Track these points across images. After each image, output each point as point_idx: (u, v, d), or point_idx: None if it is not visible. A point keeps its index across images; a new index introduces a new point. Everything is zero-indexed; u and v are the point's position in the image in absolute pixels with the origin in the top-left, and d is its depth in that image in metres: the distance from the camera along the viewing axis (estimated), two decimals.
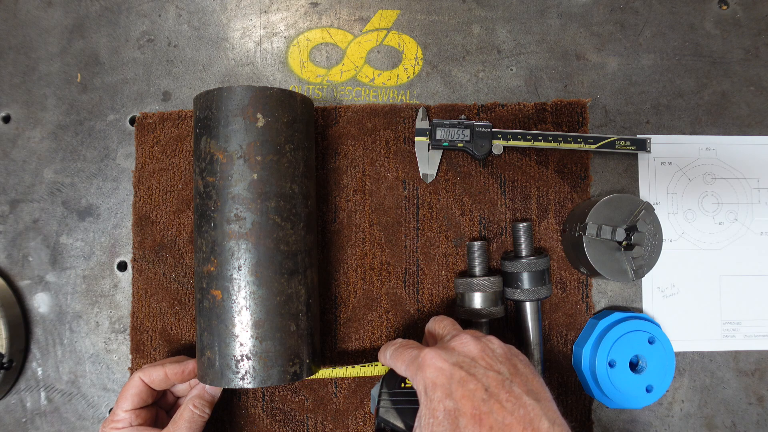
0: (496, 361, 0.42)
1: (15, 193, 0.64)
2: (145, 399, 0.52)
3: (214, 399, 0.54)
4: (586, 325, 0.61)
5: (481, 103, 0.64)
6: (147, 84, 0.65)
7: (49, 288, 0.63)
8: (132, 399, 0.52)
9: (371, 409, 0.56)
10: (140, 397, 0.52)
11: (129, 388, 0.52)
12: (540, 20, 0.65)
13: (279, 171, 0.49)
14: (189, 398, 0.53)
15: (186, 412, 0.52)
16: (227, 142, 0.48)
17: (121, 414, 0.51)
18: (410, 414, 0.46)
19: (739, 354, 0.62)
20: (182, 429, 0.51)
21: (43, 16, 0.66)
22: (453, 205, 0.62)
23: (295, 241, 0.50)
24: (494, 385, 0.39)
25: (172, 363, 0.53)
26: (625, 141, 0.61)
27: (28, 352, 0.62)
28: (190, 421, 0.51)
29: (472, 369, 0.40)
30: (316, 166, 0.63)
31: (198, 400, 0.53)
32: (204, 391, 0.53)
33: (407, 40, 0.65)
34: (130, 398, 0.52)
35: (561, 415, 0.39)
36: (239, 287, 0.48)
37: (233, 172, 0.48)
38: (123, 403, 0.52)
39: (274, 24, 0.65)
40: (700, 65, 0.65)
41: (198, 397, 0.53)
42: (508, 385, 0.39)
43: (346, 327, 0.61)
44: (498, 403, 0.38)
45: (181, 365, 0.53)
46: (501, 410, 0.37)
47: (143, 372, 0.53)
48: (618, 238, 0.55)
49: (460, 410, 0.38)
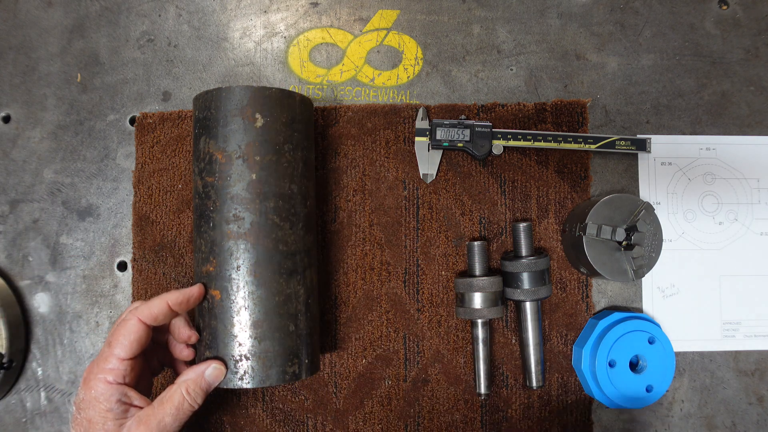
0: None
1: (15, 193, 0.64)
2: (143, 344, 0.46)
3: (210, 388, 0.47)
4: (586, 325, 0.61)
5: (481, 103, 0.64)
6: (147, 84, 0.65)
7: (49, 288, 0.63)
8: (131, 346, 0.45)
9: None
10: (139, 343, 0.45)
11: (126, 332, 0.45)
12: (540, 20, 0.65)
13: (278, 171, 0.49)
14: (182, 380, 0.46)
15: (176, 396, 0.45)
16: (226, 142, 0.48)
17: (115, 362, 0.45)
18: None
19: (739, 354, 0.62)
20: (168, 414, 0.44)
21: (43, 16, 0.66)
22: (453, 205, 0.62)
23: (294, 241, 0.50)
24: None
25: (172, 293, 0.47)
26: (625, 141, 0.61)
27: (28, 352, 0.62)
28: (178, 408, 0.45)
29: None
30: (316, 166, 0.63)
31: (192, 385, 0.46)
32: (201, 376, 0.46)
33: (407, 40, 0.65)
34: (128, 345, 0.45)
35: None
36: (238, 287, 0.48)
37: (232, 172, 0.48)
38: (119, 350, 0.45)
39: (274, 24, 0.65)
40: (700, 65, 0.65)
41: (193, 381, 0.46)
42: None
43: (346, 327, 0.61)
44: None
45: (184, 293, 0.47)
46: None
47: (140, 311, 0.46)
48: (618, 238, 0.55)
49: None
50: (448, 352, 0.61)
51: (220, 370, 0.47)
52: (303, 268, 0.51)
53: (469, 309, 0.57)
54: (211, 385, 0.47)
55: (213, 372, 0.47)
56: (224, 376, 0.47)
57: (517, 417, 0.60)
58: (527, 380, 0.59)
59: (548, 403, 0.61)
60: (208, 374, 0.47)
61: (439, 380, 0.61)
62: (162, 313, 0.47)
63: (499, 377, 0.61)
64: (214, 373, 0.47)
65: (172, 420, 0.45)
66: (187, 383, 0.46)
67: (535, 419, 0.61)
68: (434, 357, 0.61)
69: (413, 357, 0.61)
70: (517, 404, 0.61)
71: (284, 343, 0.48)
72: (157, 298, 0.47)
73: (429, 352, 0.61)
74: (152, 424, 0.44)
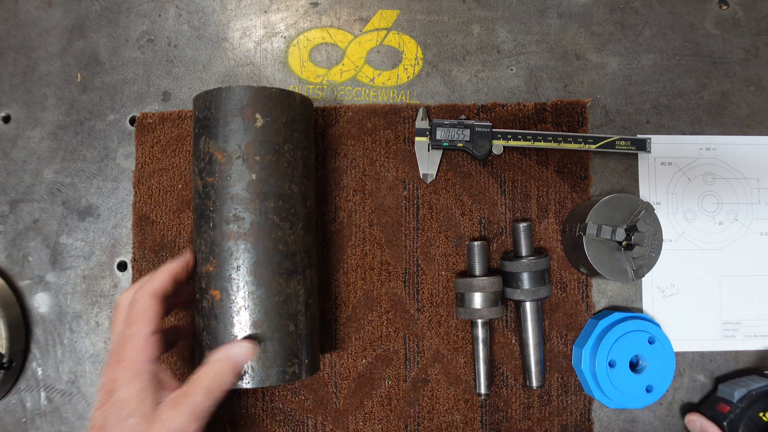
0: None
1: (15, 193, 0.64)
2: (160, 318, 0.45)
3: (240, 367, 0.46)
4: (586, 325, 0.61)
5: (481, 103, 0.64)
6: (147, 84, 0.65)
7: (49, 288, 0.63)
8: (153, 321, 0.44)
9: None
10: (158, 317, 0.45)
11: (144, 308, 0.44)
12: (540, 20, 0.65)
13: (278, 171, 0.49)
14: (211, 359, 0.45)
15: (206, 377, 0.44)
16: (226, 142, 0.48)
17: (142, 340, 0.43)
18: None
19: (739, 354, 0.62)
20: (199, 394, 0.43)
21: (43, 16, 0.66)
22: (453, 205, 0.62)
23: (294, 241, 0.50)
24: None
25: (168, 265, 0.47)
26: (625, 141, 0.61)
27: (28, 352, 0.62)
28: (209, 388, 0.43)
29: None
30: (316, 166, 0.63)
31: (221, 365, 0.45)
32: (229, 356, 0.45)
33: (407, 40, 0.65)
34: (150, 320, 0.44)
35: None
36: (238, 287, 0.48)
37: (232, 172, 0.48)
38: (143, 327, 0.44)
39: (274, 24, 0.65)
40: (700, 65, 0.65)
41: (221, 361, 0.45)
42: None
43: (346, 327, 0.61)
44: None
45: (180, 261, 0.48)
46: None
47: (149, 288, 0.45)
48: (618, 238, 0.55)
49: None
50: (448, 352, 0.61)
51: (250, 349, 0.46)
52: (303, 268, 0.51)
53: (469, 309, 0.57)
54: (241, 364, 0.46)
55: (241, 351, 0.46)
56: (255, 356, 0.46)
57: (517, 417, 0.60)
58: (527, 380, 0.59)
59: (548, 403, 0.61)
60: (236, 353, 0.46)
61: (439, 380, 0.61)
62: (167, 286, 0.47)
63: (499, 377, 0.61)
64: (243, 351, 0.46)
65: (204, 400, 0.43)
66: (216, 363, 0.45)
67: (535, 419, 0.61)
68: (434, 357, 0.61)
69: (413, 357, 0.61)
70: (517, 404, 0.61)
71: (284, 343, 0.48)
72: (156, 274, 0.47)
73: (429, 352, 0.61)
74: (184, 405, 0.42)
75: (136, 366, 0.43)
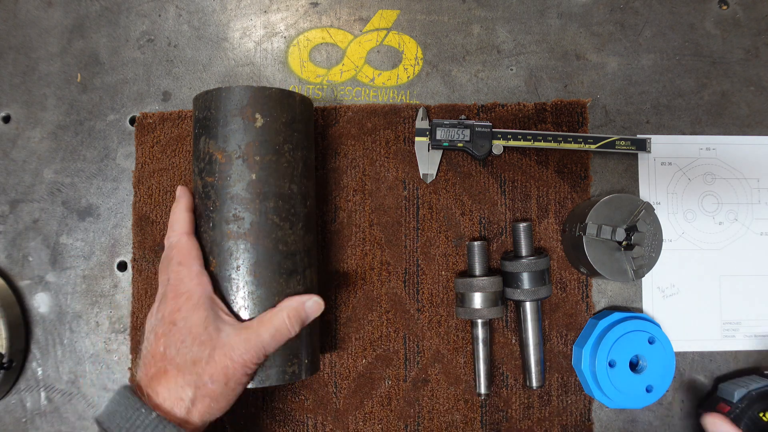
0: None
1: (15, 193, 0.64)
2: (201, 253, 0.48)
3: (308, 320, 0.48)
4: (586, 325, 0.61)
5: (481, 103, 0.64)
6: (147, 84, 0.65)
7: (49, 288, 0.63)
8: (199, 258, 0.47)
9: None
10: (200, 252, 0.48)
11: (189, 248, 0.47)
12: (540, 20, 0.65)
13: (278, 171, 0.49)
14: (284, 306, 0.47)
15: (277, 319, 0.46)
16: (226, 142, 0.48)
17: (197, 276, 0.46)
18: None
19: (739, 354, 0.62)
20: (267, 333, 0.45)
21: (43, 16, 0.66)
22: (453, 205, 0.62)
23: (294, 241, 0.50)
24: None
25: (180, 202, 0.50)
26: (625, 141, 0.61)
27: (28, 352, 0.62)
28: (278, 330, 0.45)
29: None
30: (316, 166, 0.63)
31: (293, 312, 0.47)
32: (302, 306, 0.48)
33: (407, 40, 0.65)
34: (196, 258, 0.47)
35: None
36: (238, 287, 0.48)
37: (232, 172, 0.48)
38: (195, 264, 0.47)
39: (274, 24, 0.65)
40: (700, 65, 0.65)
41: (294, 309, 0.47)
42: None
43: (346, 327, 0.61)
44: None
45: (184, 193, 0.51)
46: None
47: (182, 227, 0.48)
48: (618, 238, 0.55)
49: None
50: (448, 352, 0.61)
51: (320, 304, 0.49)
52: (303, 268, 0.51)
53: (469, 309, 0.57)
54: (309, 317, 0.48)
55: (313, 305, 0.48)
56: (320, 312, 0.49)
57: (517, 417, 0.60)
58: (527, 380, 0.59)
59: (548, 403, 0.61)
60: (309, 306, 0.48)
61: (439, 380, 0.61)
62: (192, 220, 0.49)
63: (499, 377, 0.61)
64: (315, 306, 0.48)
65: (270, 339, 0.45)
66: (289, 309, 0.47)
67: (535, 419, 0.61)
68: (434, 357, 0.61)
69: (413, 357, 0.61)
70: (517, 404, 0.61)
71: (284, 343, 0.48)
72: (176, 214, 0.49)
73: (429, 352, 0.61)
74: (251, 336, 0.44)
75: (196, 297, 0.45)
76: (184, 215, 0.49)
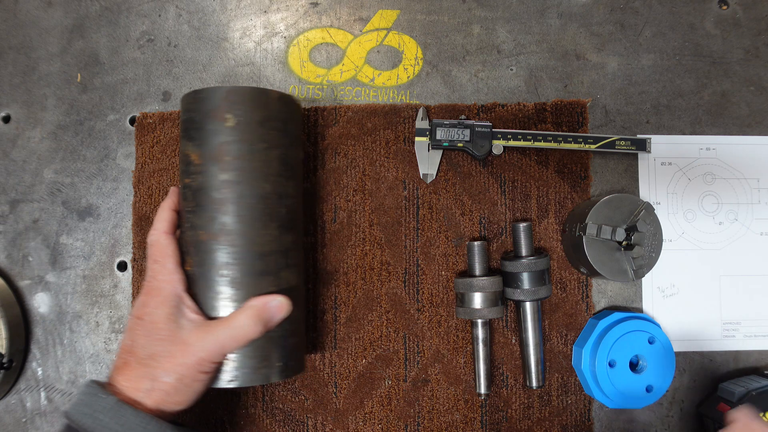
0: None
1: (15, 193, 0.64)
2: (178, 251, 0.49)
3: (272, 322, 0.47)
4: (586, 325, 0.61)
5: (481, 103, 0.64)
6: (147, 84, 0.65)
7: (49, 288, 0.63)
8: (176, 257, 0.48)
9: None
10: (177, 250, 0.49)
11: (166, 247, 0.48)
12: (540, 20, 0.65)
13: (250, 171, 0.49)
14: (247, 306, 0.47)
15: (239, 319, 0.45)
16: (201, 143, 0.49)
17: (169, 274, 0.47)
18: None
19: (739, 354, 0.62)
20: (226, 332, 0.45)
21: (43, 16, 0.66)
22: (453, 205, 0.62)
23: (268, 241, 0.49)
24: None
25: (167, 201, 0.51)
26: (625, 141, 0.61)
27: (28, 352, 0.62)
28: (238, 329, 0.45)
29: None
30: (316, 166, 0.63)
31: (256, 312, 0.46)
32: (266, 306, 0.47)
33: (407, 40, 0.65)
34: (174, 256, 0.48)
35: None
36: (209, 287, 0.48)
37: (206, 174, 0.49)
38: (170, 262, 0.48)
39: (274, 24, 0.65)
40: (700, 65, 0.65)
41: (258, 309, 0.46)
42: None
43: (346, 327, 0.61)
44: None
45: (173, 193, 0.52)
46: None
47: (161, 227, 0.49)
48: (618, 238, 0.55)
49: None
50: (448, 352, 0.61)
51: (284, 305, 0.47)
52: (278, 269, 0.50)
53: (469, 309, 0.57)
54: (274, 318, 0.47)
55: (277, 305, 0.47)
56: (286, 313, 0.48)
57: (517, 417, 0.60)
58: (527, 380, 0.59)
59: (548, 403, 0.61)
60: (273, 306, 0.47)
61: (439, 380, 0.61)
62: (174, 220, 0.50)
63: (499, 377, 0.61)
64: (279, 306, 0.47)
65: (229, 339, 0.45)
66: (250, 309, 0.46)
67: (535, 419, 0.61)
68: (434, 357, 0.61)
69: (413, 357, 0.61)
70: (517, 404, 0.61)
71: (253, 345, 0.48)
72: (161, 212, 0.50)
73: (429, 352, 0.61)
74: (208, 335, 0.45)
75: (164, 294, 0.46)
76: (166, 214, 0.50)
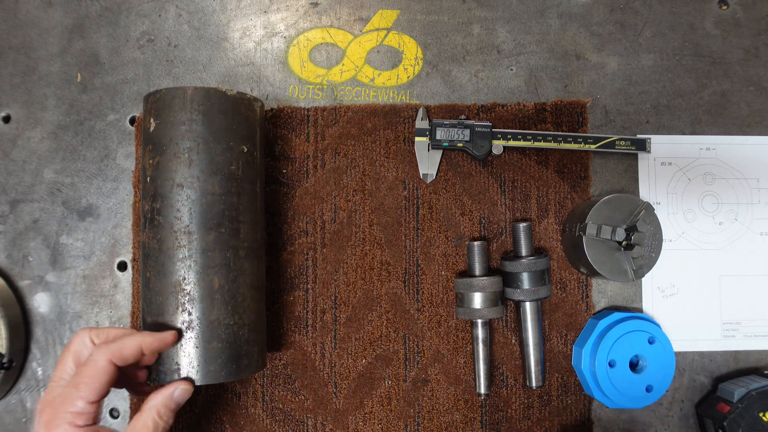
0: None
1: (15, 193, 0.64)
2: (111, 384, 0.44)
3: (178, 408, 0.47)
4: (586, 325, 0.61)
5: (481, 103, 0.64)
6: (147, 84, 0.65)
7: (49, 288, 0.63)
8: (101, 389, 0.43)
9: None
10: (109, 384, 0.44)
11: (96, 374, 0.43)
12: (540, 20, 0.65)
13: (167, 171, 0.50)
14: (152, 405, 0.46)
15: (149, 422, 0.45)
16: (142, 148, 0.52)
17: (82, 405, 0.42)
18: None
19: (739, 354, 0.62)
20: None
21: (43, 16, 0.66)
22: (453, 205, 0.62)
23: (185, 243, 0.49)
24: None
25: (146, 336, 0.46)
26: (625, 141, 0.61)
27: (28, 352, 0.62)
28: (150, 430, 0.45)
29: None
30: (316, 166, 0.63)
31: (163, 408, 0.46)
32: (170, 398, 0.46)
33: (407, 40, 0.65)
34: (98, 388, 0.43)
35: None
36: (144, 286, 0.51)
37: (142, 177, 0.52)
38: (88, 392, 0.42)
39: (274, 24, 0.65)
40: (700, 65, 0.65)
41: (163, 405, 0.46)
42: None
43: (346, 327, 0.61)
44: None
45: (160, 338, 0.46)
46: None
47: (112, 352, 0.44)
48: (618, 238, 0.55)
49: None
50: (448, 352, 0.61)
51: (188, 390, 0.48)
52: (198, 269, 0.49)
53: (469, 309, 0.57)
54: (180, 405, 0.47)
55: (181, 393, 0.47)
56: (190, 394, 0.48)
57: (517, 417, 0.60)
58: (527, 380, 0.59)
59: (548, 403, 0.61)
60: (177, 395, 0.47)
61: (439, 380, 0.61)
62: (133, 356, 0.45)
63: (499, 377, 0.61)
64: (183, 394, 0.47)
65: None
66: (157, 407, 0.46)
67: (535, 419, 0.61)
68: (434, 357, 0.61)
69: (413, 357, 0.61)
70: (517, 404, 0.61)
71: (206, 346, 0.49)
72: (129, 338, 0.45)
73: (429, 352, 0.61)
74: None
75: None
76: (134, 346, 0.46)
